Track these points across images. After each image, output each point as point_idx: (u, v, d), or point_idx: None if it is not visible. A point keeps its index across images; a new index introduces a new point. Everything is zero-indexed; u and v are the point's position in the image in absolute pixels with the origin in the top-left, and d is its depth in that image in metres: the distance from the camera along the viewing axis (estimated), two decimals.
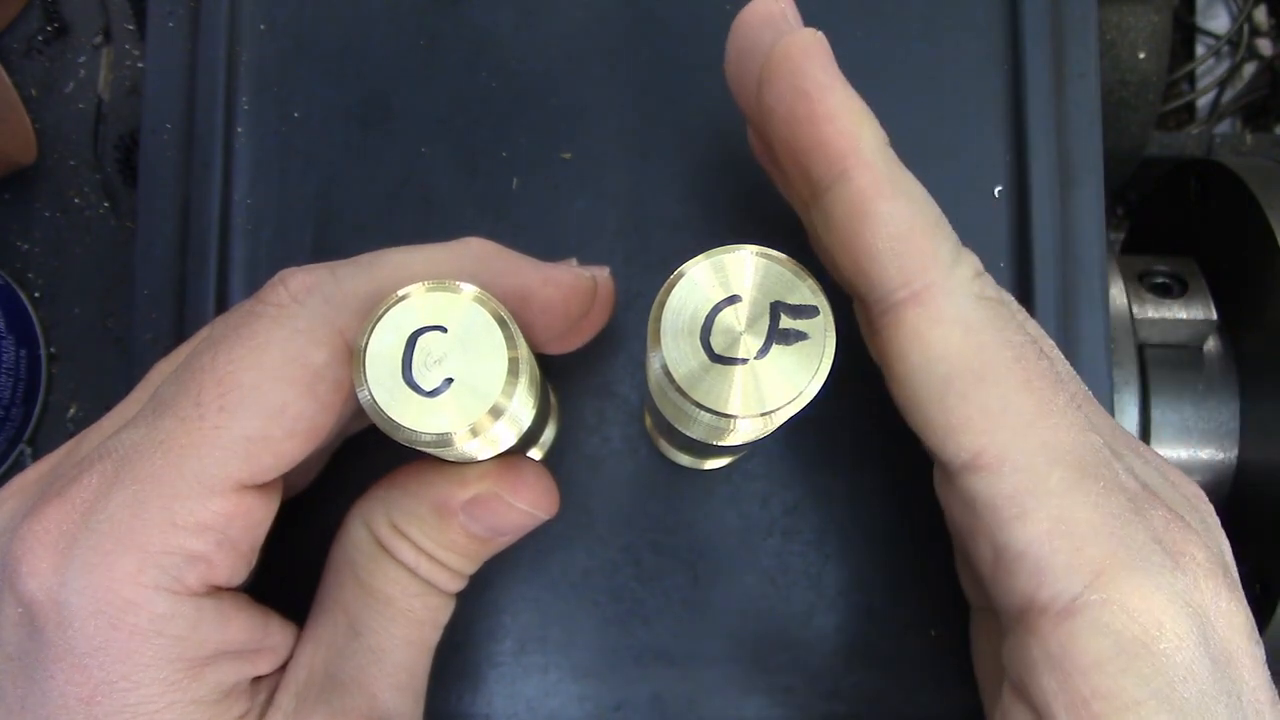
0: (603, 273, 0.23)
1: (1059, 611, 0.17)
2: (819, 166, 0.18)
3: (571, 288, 0.21)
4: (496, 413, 0.17)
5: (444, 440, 0.17)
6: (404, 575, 0.21)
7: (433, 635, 0.22)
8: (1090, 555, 0.17)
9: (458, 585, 0.22)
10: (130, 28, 0.34)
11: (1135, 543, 0.17)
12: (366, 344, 0.17)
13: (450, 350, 0.17)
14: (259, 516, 0.19)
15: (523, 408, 0.19)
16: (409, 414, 0.17)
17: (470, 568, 0.22)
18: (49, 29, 0.34)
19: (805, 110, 0.18)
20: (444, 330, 0.17)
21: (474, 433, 0.17)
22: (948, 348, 0.18)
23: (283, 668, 0.21)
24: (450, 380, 0.17)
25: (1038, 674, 0.17)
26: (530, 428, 0.20)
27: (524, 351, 0.18)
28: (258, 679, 0.20)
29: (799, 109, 0.18)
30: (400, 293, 0.17)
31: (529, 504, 0.21)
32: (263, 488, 0.19)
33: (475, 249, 0.21)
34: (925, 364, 0.18)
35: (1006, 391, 0.18)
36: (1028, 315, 0.20)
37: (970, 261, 0.19)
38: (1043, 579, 0.17)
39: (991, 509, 0.18)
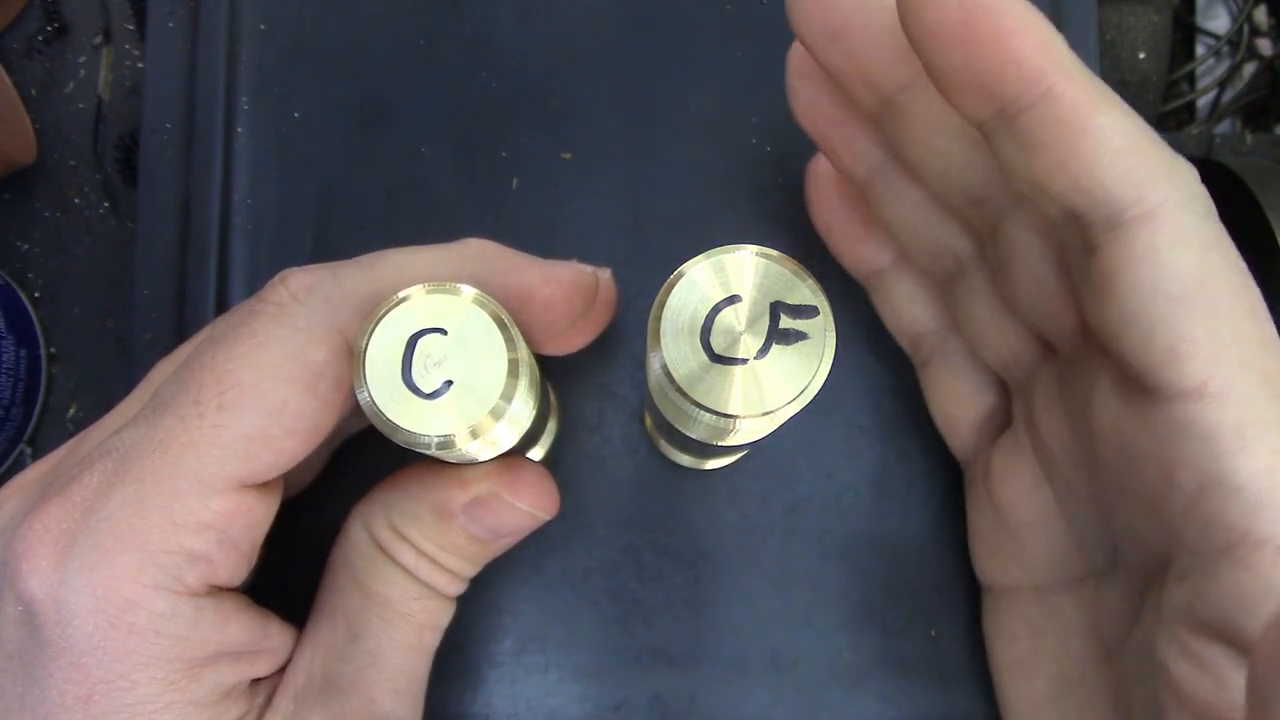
0: (604, 273, 0.23)
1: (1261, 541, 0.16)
2: (1012, 87, 0.17)
3: (573, 284, 0.21)
4: (496, 414, 0.17)
5: (444, 442, 0.17)
6: (403, 578, 0.21)
7: (432, 639, 0.22)
8: None
9: (457, 589, 0.22)
10: (130, 28, 0.34)
11: None
12: (366, 346, 0.17)
13: (450, 352, 0.17)
14: (259, 516, 0.19)
15: (523, 409, 0.19)
16: (409, 416, 0.17)
17: (470, 570, 0.22)
18: (49, 29, 0.34)
19: (989, 27, 0.17)
20: (444, 332, 0.17)
21: (474, 434, 0.17)
22: (1182, 269, 0.17)
23: (281, 670, 0.21)
24: (450, 382, 0.17)
25: (1256, 606, 0.16)
26: (530, 428, 0.20)
27: (524, 353, 0.18)
28: (256, 681, 0.20)
29: (981, 27, 0.17)
30: (400, 295, 0.17)
31: (530, 504, 0.21)
32: (263, 487, 0.19)
33: (476, 249, 0.21)
34: (1157, 284, 0.17)
35: (1237, 319, 0.17)
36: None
37: (1192, 173, 0.18)
38: (1263, 513, 0.16)
39: (1210, 439, 0.17)
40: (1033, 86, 0.17)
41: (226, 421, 0.18)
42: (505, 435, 0.19)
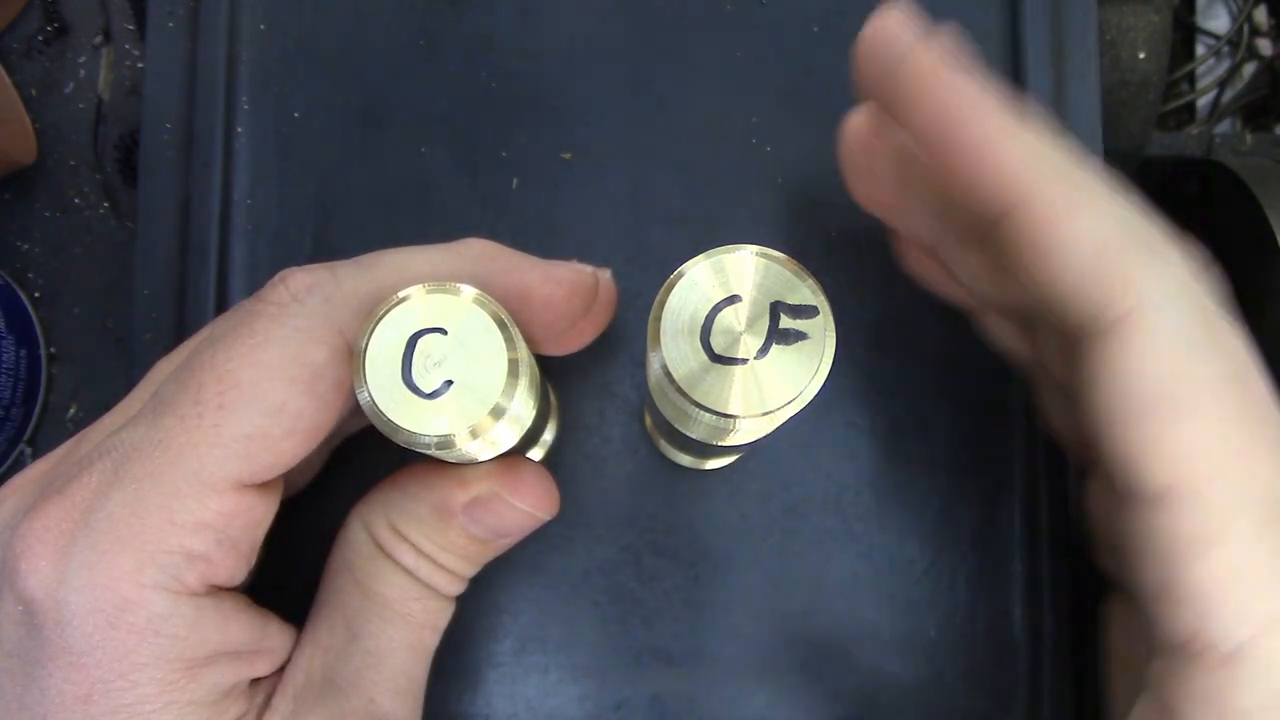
0: (604, 274, 0.23)
1: (1224, 655, 0.17)
2: (986, 199, 0.17)
3: (573, 284, 0.21)
4: (496, 414, 0.17)
5: (444, 442, 0.17)
6: (403, 578, 0.21)
7: (432, 639, 0.22)
8: (1261, 607, 0.17)
9: (457, 589, 0.22)
10: (130, 28, 0.34)
11: None
12: (366, 346, 0.17)
13: (450, 352, 0.17)
14: (259, 515, 0.19)
15: (523, 409, 0.19)
16: (409, 416, 0.17)
17: (470, 570, 0.22)
18: (49, 29, 0.34)
19: (959, 140, 0.17)
20: (444, 332, 0.17)
21: (474, 434, 0.17)
22: (1151, 373, 0.17)
23: (280, 670, 0.21)
24: (450, 382, 0.17)
25: (1191, 707, 0.17)
26: (531, 428, 0.20)
27: (524, 353, 0.18)
28: (255, 681, 0.20)
29: (951, 140, 0.17)
30: (400, 294, 0.17)
31: (530, 504, 0.21)
32: (263, 487, 0.19)
33: (476, 249, 0.21)
34: (1126, 389, 0.17)
35: (1207, 425, 0.17)
36: (1234, 325, 0.18)
37: (1177, 268, 0.17)
38: (1211, 621, 0.17)
39: (1170, 545, 0.17)
40: (1001, 199, 0.17)
41: (226, 421, 0.18)
42: (505, 435, 0.19)
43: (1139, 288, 0.17)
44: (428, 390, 0.17)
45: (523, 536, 0.22)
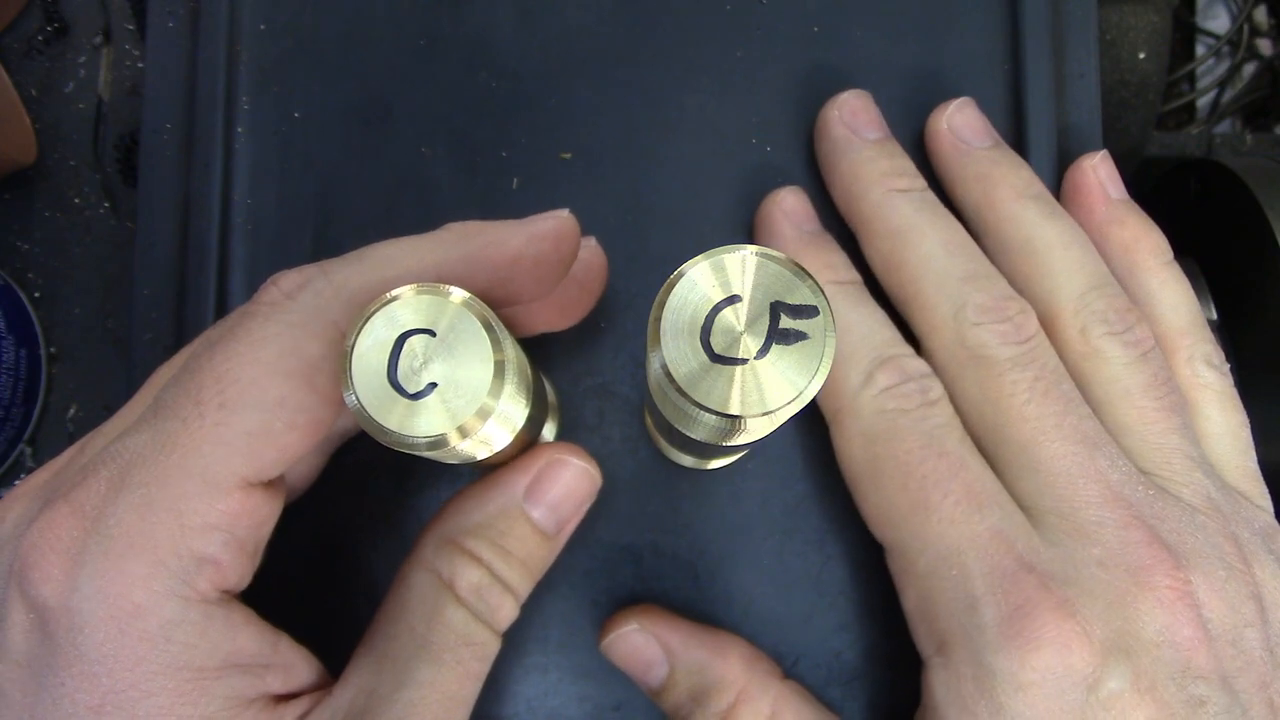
0: (590, 240, 0.24)
1: (924, 660, 0.22)
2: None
3: (556, 231, 0.21)
4: (483, 415, 0.17)
5: (436, 443, 0.17)
6: (460, 617, 0.21)
7: (474, 690, 0.22)
8: (938, 630, 0.22)
9: (510, 615, 0.22)
10: (130, 28, 0.34)
11: (969, 626, 0.21)
12: (353, 347, 0.17)
13: (437, 353, 0.17)
14: (264, 515, 0.19)
15: (512, 408, 0.19)
16: (394, 417, 0.17)
17: (526, 587, 0.22)
18: (49, 29, 0.34)
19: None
20: (432, 334, 0.17)
21: (462, 434, 0.17)
22: (852, 458, 0.23)
23: (302, 696, 0.20)
24: (435, 384, 0.17)
25: (922, 695, 0.22)
26: (524, 427, 0.20)
27: (511, 353, 0.18)
28: (284, 705, 0.20)
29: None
30: (389, 295, 0.17)
31: (581, 459, 0.23)
32: (267, 486, 0.19)
33: (457, 232, 0.21)
34: (843, 469, 0.24)
35: (890, 493, 0.22)
36: (942, 403, 0.23)
37: (880, 380, 0.23)
38: (916, 637, 0.23)
39: (894, 579, 0.23)
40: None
41: (227, 420, 0.18)
42: (497, 433, 0.19)
43: (843, 396, 0.24)
44: (413, 391, 0.17)
45: (579, 515, 0.23)
